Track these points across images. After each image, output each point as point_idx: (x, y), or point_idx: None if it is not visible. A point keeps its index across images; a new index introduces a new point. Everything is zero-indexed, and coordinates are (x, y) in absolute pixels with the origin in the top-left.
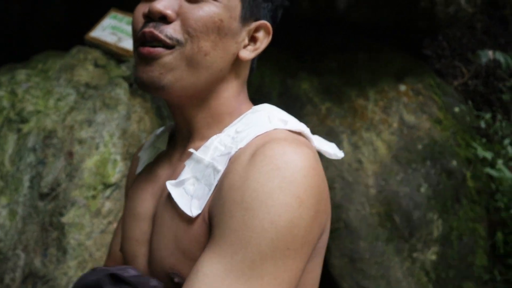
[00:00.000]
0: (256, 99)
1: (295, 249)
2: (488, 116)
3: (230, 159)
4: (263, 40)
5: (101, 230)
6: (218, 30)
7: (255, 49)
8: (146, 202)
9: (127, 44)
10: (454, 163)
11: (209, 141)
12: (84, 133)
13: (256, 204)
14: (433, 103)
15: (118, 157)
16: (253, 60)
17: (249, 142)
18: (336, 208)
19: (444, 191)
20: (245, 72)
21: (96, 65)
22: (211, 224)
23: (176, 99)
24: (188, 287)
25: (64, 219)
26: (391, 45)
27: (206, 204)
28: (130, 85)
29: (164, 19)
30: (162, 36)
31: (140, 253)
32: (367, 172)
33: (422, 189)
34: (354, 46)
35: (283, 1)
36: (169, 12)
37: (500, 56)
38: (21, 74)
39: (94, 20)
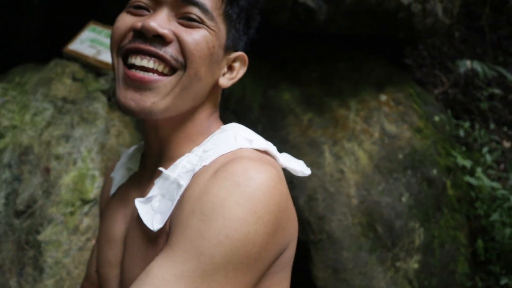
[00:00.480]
0: (238, 110)
1: (248, 264)
2: (467, 124)
3: (193, 175)
4: (239, 70)
5: (79, 247)
6: (211, 56)
7: (232, 78)
8: (118, 224)
9: (106, 57)
10: (435, 171)
11: (178, 160)
12: (62, 149)
13: (213, 216)
14: (414, 112)
15: (97, 173)
16: None
17: (214, 160)
18: (319, 219)
19: (425, 200)
20: (219, 95)
21: (74, 78)
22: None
23: (157, 122)
24: (136, 287)
25: (41, 237)
26: (371, 54)
27: (168, 218)
28: (109, 98)
29: (159, 38)
30: (167, 56)
31: (112, 275)
32: (349, 182)
33: (404, 198)
34: (334, 57)
35: (255, 35)
36: (166, 31)
37: (477, 66)
38: None
39: (73, 32)
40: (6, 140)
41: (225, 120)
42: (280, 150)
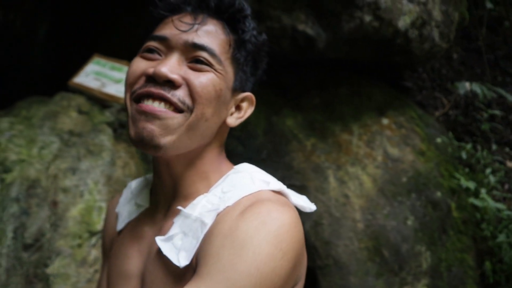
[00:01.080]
0: (242, 136)
1: None
2: (469, 146)
3: (217, 215)
4: (247, 110)
5: (87, 280)
6: (218, 98)
7: (239, 117)
8: (133, 260)
9: (111, 89)
10: (439, 194)
11: (197, 200)
12: (69, 182)
13: (244, 251)
14: (416, 135)
15: (103, 204)
16: None
17: (237, 201)
18: (325, 244)
19: (431, 223)
20: (226, 134)
21: (80, 111)
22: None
23: (167, 158)
24: None
25: (49, 270)
26: (372, 79)
27: (194, 256)
28: (114, 130)
29: (169, 83)
30: (174, 100)
31: None
32: (354, 207)
33: (409, 222)
34: (335, 82)
35: (263, 76)
36: (175, 77)
37: (476, 87)
38: (4, 122)
39: (76, 65)
40: (14, 174)
41: (229, 146)
42: (285, 176)
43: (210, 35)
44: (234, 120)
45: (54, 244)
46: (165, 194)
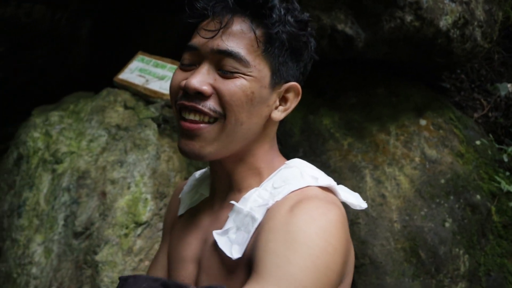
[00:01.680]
0: (278, 135)
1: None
2: (510, 149)
3: (267, 210)
4: (293, 100)
5: (133, 268)
6: (251, 101)
7: (286, 109)
8: (191, 246)
9: (155, 85)
10: (478, 197)
11: (248, 193)
12: (116, 174)
13: (298, 245)
14: (454, 136)
15: (149, 196)
16: None
17: (285, 196)
18: (361, 243)
19: (470, 226)
20: (275, 128)
21: (126, 106)
22: (251, 265)
23: (220, 159)
24: None
25: (98, 257)
26: (410, 79)
27: (246, 249)
28: (159, 125)
29: (200, 94)
30: (206, 110)
31: None
32: (391, 207)
33: (447, 224)
34: (373, 82)
35: (312, 58)
36: (205, 88)
37: None
38: (54, 116)
39: (118, 62)
40: (64, 165)
41: None
42: None
43: (235, 37)
44: (279, 114)
45: (103, 233)
46: (221, 186)
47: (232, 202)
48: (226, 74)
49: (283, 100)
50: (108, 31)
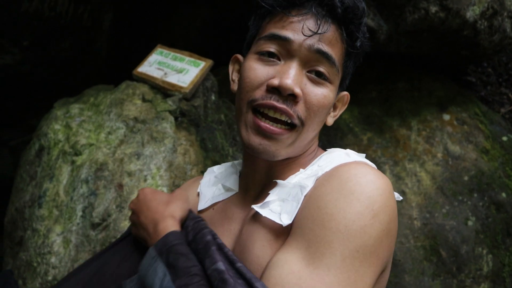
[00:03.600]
0: None
1: (364, 254)
2: None
3: (316, 180)
4: (342, 108)
5: None
6: (328, 110)
7: (335, 116)
8: (223, 238)
9: (173, 79)
10: (504, 195)
11: (292, 176)
12: (133, 166)
13: (335, 210)
14: (479, 132)
15: (165, 189)
16: None
17: (334, 167)
18: None
19: (494, 225)
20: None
21: (144, 99)
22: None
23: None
24: (267, 268)
25: None
26: (433, 73)
27: (295, 216)
28: (176, 118)
29: (292, 96)
30: (294, 116)
31: None
32: (411, 204)
33: (470, 223)
34: (393, 76)
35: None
36: (298, 91)
37: None
38: (75, 109)
39: (138, 55)
40: (83, 157)
41: None
42: None
43: (331, 43)
44: (331, 119)
45: (119, 225)
46: (258, 180)
47: (276, 180)
48: (317, 78)
49: (334, 106)
50: (129, 24)
